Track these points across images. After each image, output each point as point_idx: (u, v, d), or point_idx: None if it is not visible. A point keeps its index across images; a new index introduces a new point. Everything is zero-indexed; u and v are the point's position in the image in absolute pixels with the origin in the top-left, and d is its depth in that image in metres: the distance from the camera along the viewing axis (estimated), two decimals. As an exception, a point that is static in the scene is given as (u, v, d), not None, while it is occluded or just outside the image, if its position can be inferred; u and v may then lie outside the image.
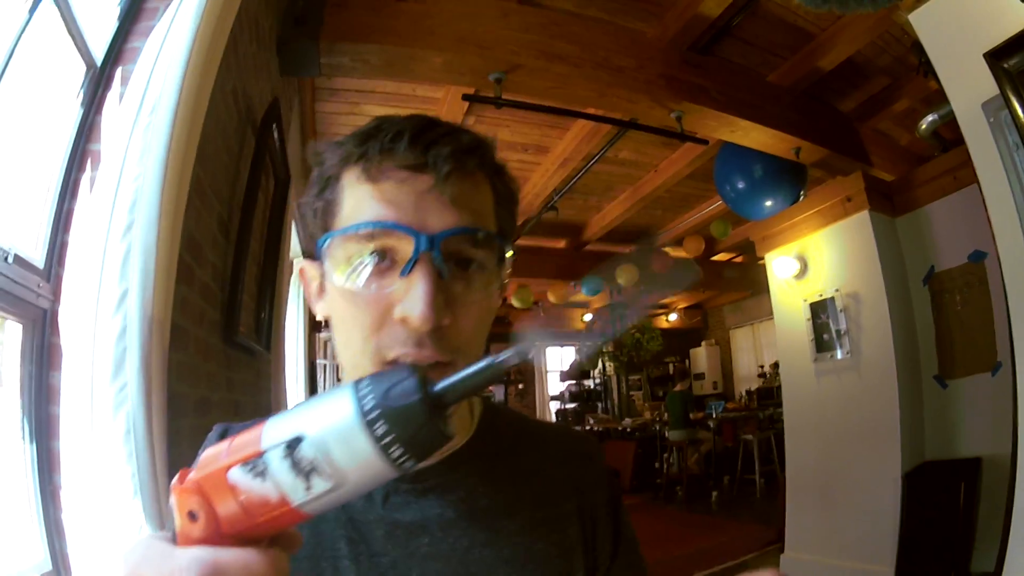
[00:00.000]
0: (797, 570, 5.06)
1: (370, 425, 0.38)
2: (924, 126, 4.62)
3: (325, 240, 0.74)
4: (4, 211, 1.52)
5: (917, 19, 2.99)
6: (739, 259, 10.17)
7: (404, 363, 0.69)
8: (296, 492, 0.40)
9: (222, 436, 0.85)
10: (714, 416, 9.80)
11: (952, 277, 4.58)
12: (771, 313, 5.90)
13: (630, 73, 3.89)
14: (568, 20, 3.80)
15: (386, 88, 4.25)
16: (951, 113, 3.75)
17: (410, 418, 0.38)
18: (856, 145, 5.19)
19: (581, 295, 9.63)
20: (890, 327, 4.61)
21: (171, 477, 0.45)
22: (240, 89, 2.39)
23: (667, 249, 8.49)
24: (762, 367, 12.13)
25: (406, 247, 0.69)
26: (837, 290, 5.00)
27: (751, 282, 10.15)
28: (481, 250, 0.73)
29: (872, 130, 5.45)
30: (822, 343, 5.15)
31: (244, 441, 0.42)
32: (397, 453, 0.38)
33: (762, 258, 5.85)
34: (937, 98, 4.46)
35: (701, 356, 14.10)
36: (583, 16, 3.86)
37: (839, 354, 5.00)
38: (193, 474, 0.43)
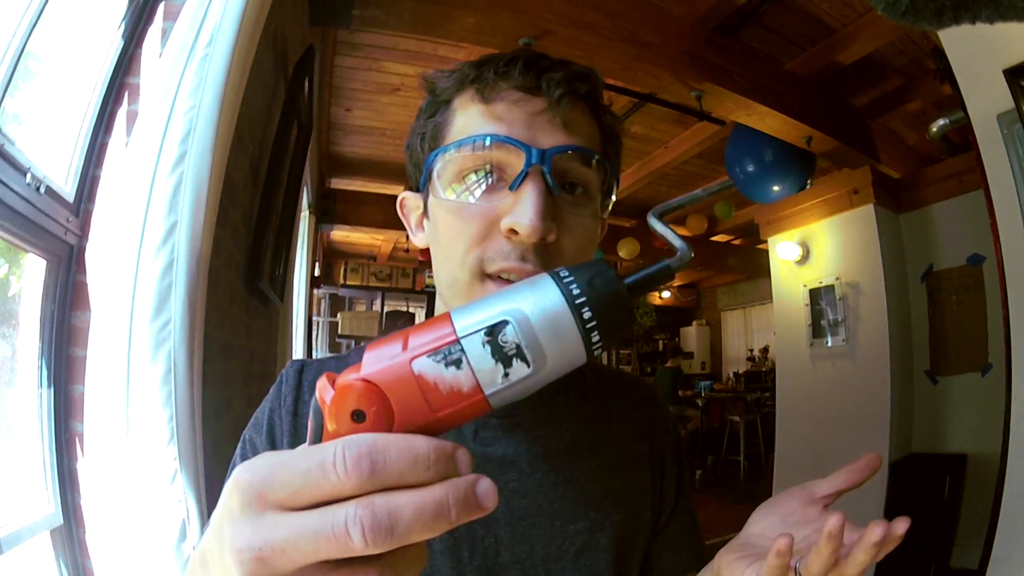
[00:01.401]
0: (782, 551, 5.13)
1: (577, 309, 0.38)
2: (935, 128, 4.64)
3: (435, 155, 0.75)
4: (37, 139, 1.48)
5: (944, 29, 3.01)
6: (738, 242, 10.17)
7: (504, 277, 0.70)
8: (493, 379, 0.39)
9: (300, 372, 0.85)
10: (702, 395, 9.88)
11: (950, 277, 4.64)
12: (764, 298, 5.95)
13: (656, 49, 3.88)
14: (602, -7, 3.77)
15: (407, 46, 4.21)
16: (962, 119, 3.81)
17: (613, 306, 0.38)
18: (866, 140, 5.22)
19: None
20: (886, 319, 4.66)
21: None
22: (280, 31, 2.36)
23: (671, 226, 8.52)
24: (752, 351, 12.16)
25: (516, 162, 0.70)
26: (837, 278, 5.04)
27: (748, 265, 10.16)
28: (590, 172, 0.74)
29: (882, 127, 5.47)
30: (819, 329, 5.20)
31: (425, 330, 0.40)
32: (596, 338, 0.38)
33: (763, 242, 5.88)
34: (949, 103, 4.51)
35: (691, 335, 14.07)
36: (615, -11, 3.83)
37: (835, 341, 5.06)
38: (361, 372, 0.39)
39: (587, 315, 0.38)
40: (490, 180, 0.71)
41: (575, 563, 0.81)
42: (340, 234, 8.57)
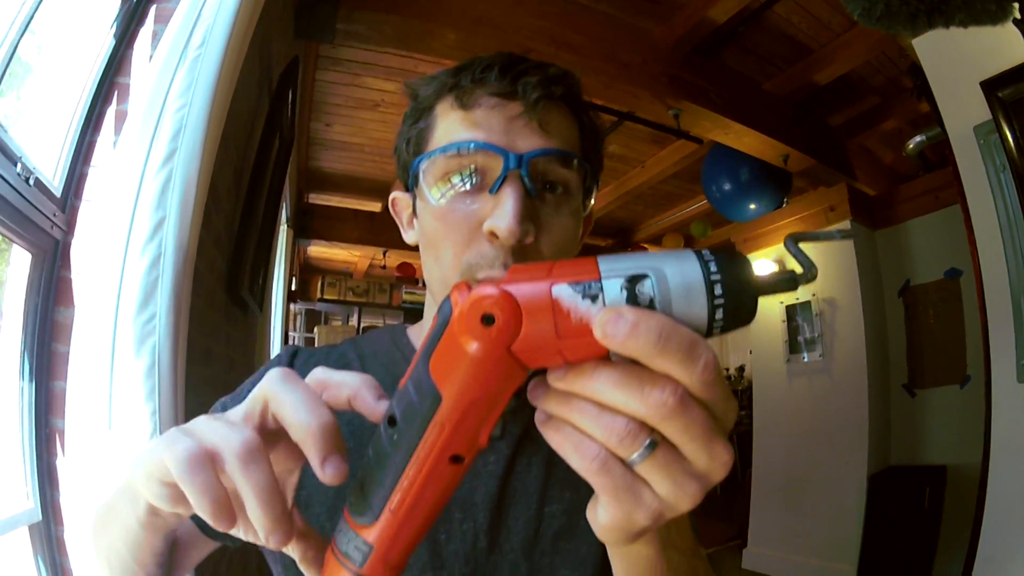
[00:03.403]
0: (760, 564, 5.16)
1: (711, 285, 0.39)
2: (912, 145, 4.73)
3: (418, 162, 0.77)
4: (28, 131, 1.50)
5: (920, 44, 3.09)
6: (713, 262, 10.24)
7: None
8: None
9: (293, 355, 0.89)
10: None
11: (927, 291, 4.71)
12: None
13: (635, 68, 3.94)
14: (580, 12, 3.85)
15: (389, 62, 4.24)
16: (938, 135, 3.87)
17: (741, 291, 0.39)
18: (842, 158, 5.31)
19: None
20: (863, 334, 4.72)
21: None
22: (266, 42, 2.38)
23: (645, 246, 8.54)
24: (727, 370, 12.20)
25: (495, 166, 0.72)
26: (814, 294, 5.10)
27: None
28: (568, 173, 0.76)
29: (859, 146, 5.57)
30: (795, 345, 5.25)
31: (570, 266, 0.40)
32: (719, 316, 0.39)
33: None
34: (925, 121, 4.59)
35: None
36: (594, 10, 3.90)
37: (812, 357, 5.11)
38: (502, 284, 0.40)
39: (718, 292, 0.39)
40: (473, 182, 0.73)
41: (554, 546, 0.81)
42: (317, 250, 8.56)
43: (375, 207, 7.17)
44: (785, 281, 0.43)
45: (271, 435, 0.47)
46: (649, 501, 0.41)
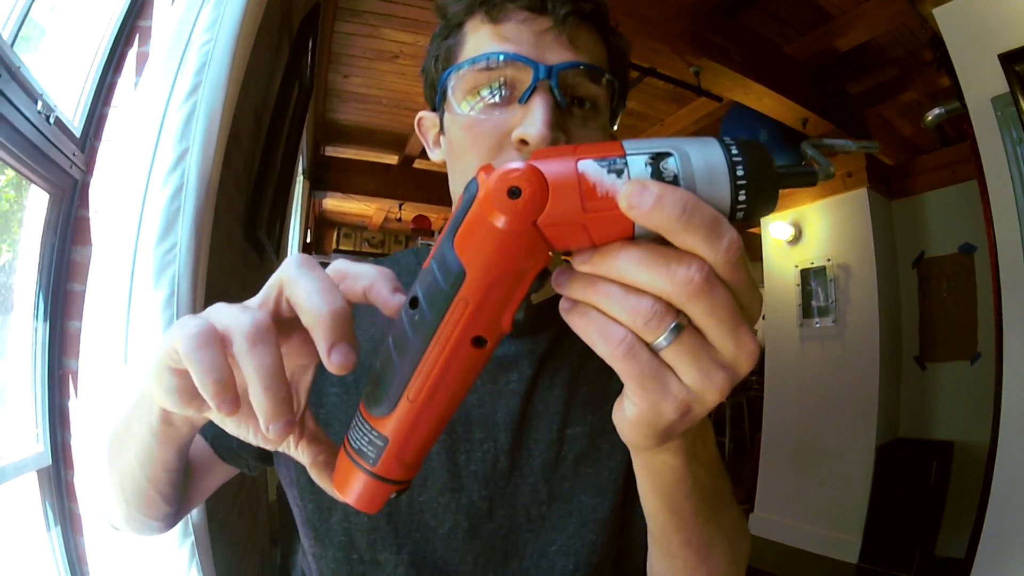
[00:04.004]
0: (765, 529, 5.19)
1: (733, 166, 0.39)
2: (930, 117, 4.66)
3: (447, 76, 0.78)
4: (49, 70, 1.49)
5: (941, 14, 3.06)
6: (729, 223, 10.17)
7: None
8: None
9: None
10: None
11: (940, 264, 4.69)
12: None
13: (656, 24, 3.89)
14: (602, -34, 3.76)
15: (407, 13, 4.20)
16: (957, 108, 3.84)
17: (763, 174, 0.40)
18: (860, 126, 5.23)
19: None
20: (876, 302, 4.71)
21: None
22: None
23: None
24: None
25: (525, 78, 0.73)
26: (829, 260, 5.09)
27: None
28: (596, 88, 0.76)
29: (877, 116, 5.49)
30: (809, 309, 5.25)
31: (596, 148, 0.41)
32: (742, 198, 0.39)
33: (755, 224, 5.88)
34: (944, 95, 4.51)
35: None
36: (617, -37, 3.82)
37: (825, 322, 5.10)
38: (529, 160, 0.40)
39: (740, 173, 0.39)
40: (502, 94, 0.74)
41: (575, 471, 0.82)
42: (332, 203, 8.54)
43: (392, 159, 7.13)
44: (805, 173, 0.44)
45: (286, 324, 0.47)
46: (676, 390, 0.40)
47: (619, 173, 0.39)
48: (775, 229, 5.51)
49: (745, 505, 5.67)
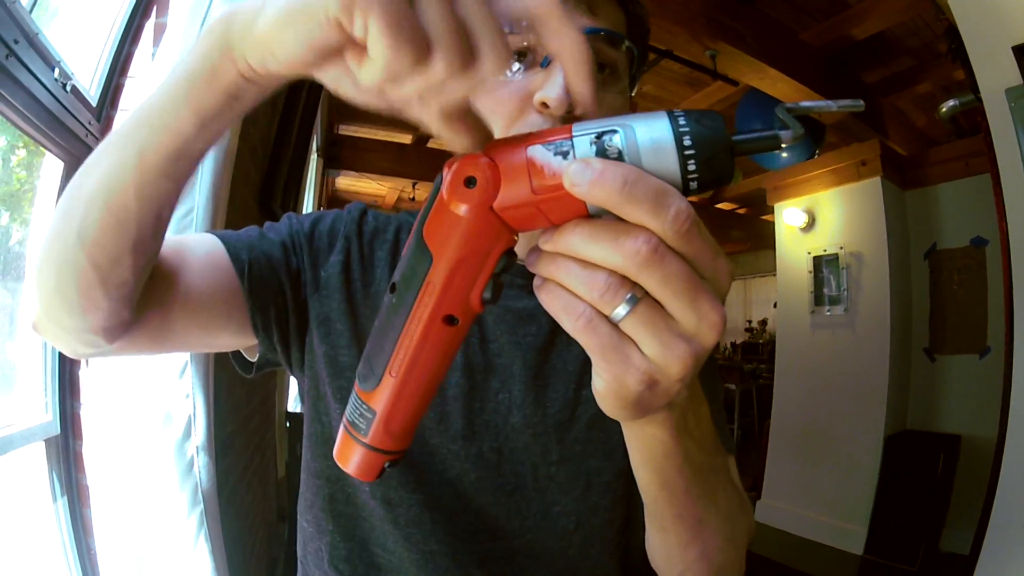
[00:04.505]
0: (772, 517, 5.19)
1: (680, 136, 0.40)
2: (944, 109, 4.63)
3: None
4: (67, 37, 1.49)
5: (957, 3, 3.03)
6: (742, 211, 10.13)
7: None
8: None
9: (363, 212, 0.90)
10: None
11: (952, 257, 4.67)
12: (766, 270, 5.92)
13: (674, 7, 3.87)
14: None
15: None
16: (971, 101, 3.81)
17: (713, 145, 0.40)
18: (875, 115, 5.23)
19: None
20: (888, 292, 4.69)
21: None
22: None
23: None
24: (750, 322, 12.16)
25: None
26: (841, 248, 5.06)
27: (751, 236, 10.19)
28: (616, 54, 0.76)
29: (891, 106, 5.49)
30: (820, 297, 5.23)
31: (547, 132, 0.43)
32: (692, 168, 0.40)
33: (767, 213, 5.88)
34: (958, 87, 4.51)
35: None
36: (634, -53, 3.80)
37: (836, 310, 5.08)
38: (485, 149, 0.43)
39: (687, 143, 0.40)
40: (523, 61, 0.73)
41: (588, 434, 0.82)
42: (345, 182, 8.52)
43: (406, 139, 7.11)
44: (766, 138, 0.43)
45: None
46: (637, 362, 0.41)
47: (565, 154, 0.41)
48: (788, 215, 5.49)
49: (752, 492, 5.67)
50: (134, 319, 0.62)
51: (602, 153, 0.41)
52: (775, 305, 6.43)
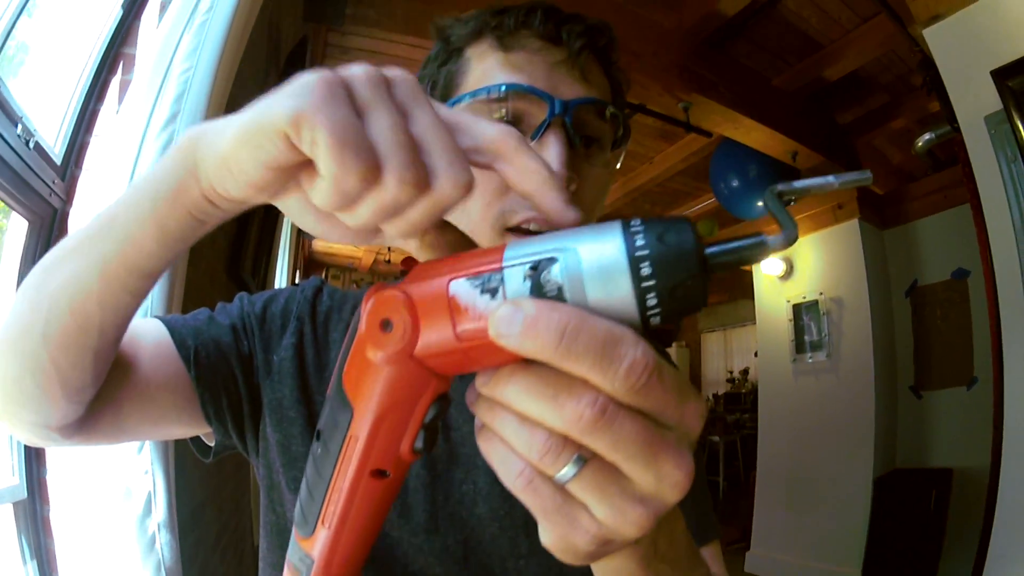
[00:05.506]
0: (763, 568, 5.14)
1: (636, 263, 0.33)
2: (920, 143, 4.69)
3: (451, 105, 0.73)
4: (31, 94, 1.46)
5: (931, 35, 3.09)
6: (719, 262, 10.24)
7: (529, 228, 0.69)
8: None
9: (318, 289, 0.86)
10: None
11: (934, 291, 4.69)
12: (745, 319, 5.98)
13: (646, 59, 3.92)
14: (591, 1, 3.79)
15: (398, 51, 4.21)
16: (948, 132, 3.87)
17: (679, 268, 0.33)
18: (851, 157, 5.28)
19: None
20: (870, 334, 4.70)
21: None
22: (275, 21, 2.37)
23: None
24: (731, 372, 12.19)
25: (537, 112, 0.70)
26: (821, 294, 5.09)
27: (729, 286, 10.27)
28: (604, 125, 0.74)
29: (867, 145, 5.55)
30: (802, 344, 5.23)
31: (478, 256, 0.36)
32: (651, 302, 0.33)
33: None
34: (934, 120, 4.55)
35: (671, 357, 14.06)
36: (606, -1, 3.88)
37: (818, 356, 5.08)
38: (403, 283, 0.38)
39: (645, 271, 0.32)
40: None
41: None
42: (322, 244, 8.54)
43: (381, 199, 7.15)
44: (750, 247, 0.36)
45: None
46: (587, 525, 0.35)
47: (493, 293, 0.35)
48: (766, 265, 5.53)
49: (741, 543, 5.64)
50: (88, 416, 0.60)
51: (538, 290, 0.34)
52: (756, 354, 6.43)
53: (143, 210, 0.45)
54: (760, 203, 5.37)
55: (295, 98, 0.33)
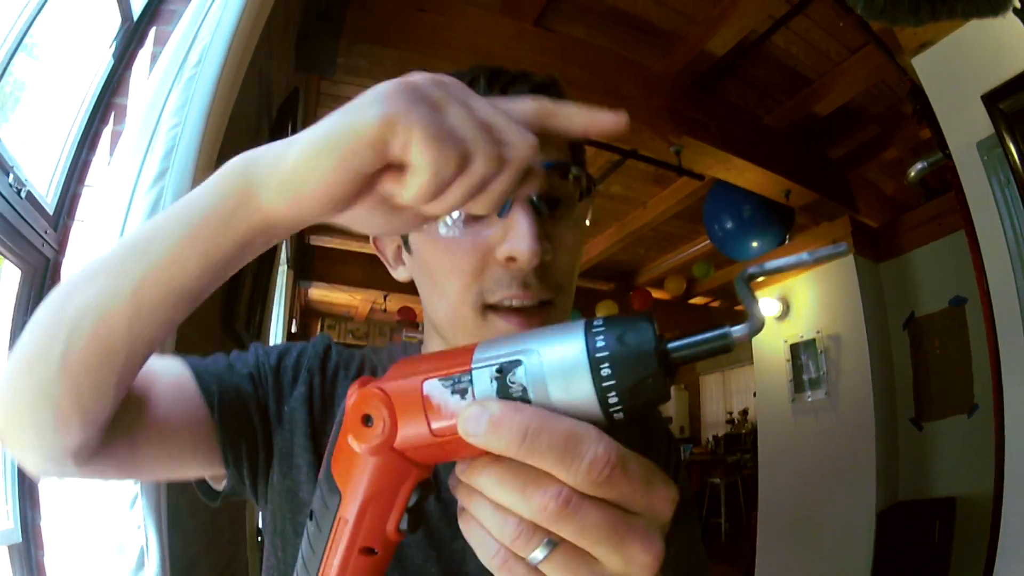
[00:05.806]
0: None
1: (596, 364, 0.35)
2: (913, 173, 4.69)
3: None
4: (23, 144, 1.47)
5: (920, 62, 3.11)
6: (716, 304, 10.22)
7: (509, 307, 0.69)
8: None
9: (328, 347, 0.87)
10: (682, 459, 9.82)
11: (932, 322, 4.66)
12: (743, 360, 5.95)
13: (636, 103, 3.96)
14: (580, 46, 3.88)
15: (390, 101, 4.26)
16: (940, 160, 3.88)
17: (638, 368, 0.35)
18: (844, 191, 5.32)
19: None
20: (869, 370, 4.67)
21: None
22: (266, 71, 2.38)
23: (648, 290, 8.49)
24: (731, 413, 12.14)
25: None
26: (818, 332, 5.06)
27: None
28: (568, 185, 0.73)
29: (860, 178, 5.59)
30: (800, 384, 5.19)
31: (450, 357, 0.40)
32: (613, 400, 0.35)
33: (741, 303, 5.90)
34: (925, 148, 4.58)
35: (670, 400, 14.02)
36: (594, 45, 3.94)
37: (817, 395, 5.05)
38: (381, 380, 0.41)
39: (605, 372, 0.35)
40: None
41: None
42: (318, 292, 8.55)
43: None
44: (712, 340, 0.38)
45: None
46: None
47: (463, 393, 0.38)
48: (762, 306, 5.45)
49: (744, 584, 5.57)
50: (102, 446, 0.58)
51: (504, 391, 0.37)
52: (754, 395, 6.40)
53: (183, 236, 0.47)
54: (755, 243, 5.39)
55: (378, 106, 0.38)
